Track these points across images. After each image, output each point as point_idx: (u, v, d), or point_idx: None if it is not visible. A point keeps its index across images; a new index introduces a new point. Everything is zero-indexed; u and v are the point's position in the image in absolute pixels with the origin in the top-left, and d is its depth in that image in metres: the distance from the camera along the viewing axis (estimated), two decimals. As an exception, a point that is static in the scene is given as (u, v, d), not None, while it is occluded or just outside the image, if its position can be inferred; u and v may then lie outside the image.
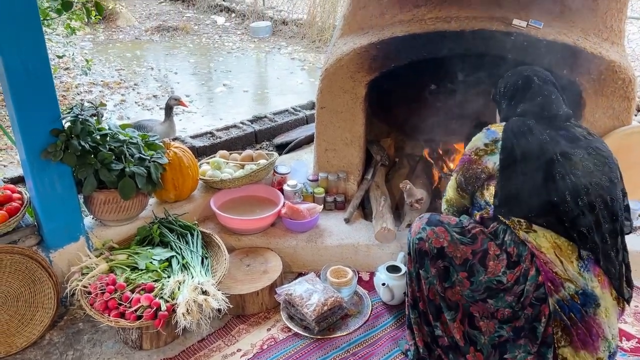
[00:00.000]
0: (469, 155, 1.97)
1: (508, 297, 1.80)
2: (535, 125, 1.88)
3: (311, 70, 6.60)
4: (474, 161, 1.94)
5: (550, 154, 1.79)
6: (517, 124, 1.90)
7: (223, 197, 2.79)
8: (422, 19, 2.59)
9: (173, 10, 9.67)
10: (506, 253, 1.82)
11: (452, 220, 1.94)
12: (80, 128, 2.20)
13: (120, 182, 2.29)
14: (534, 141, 1.82)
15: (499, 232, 1.85)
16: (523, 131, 1.86)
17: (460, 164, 2.01)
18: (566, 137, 1.87)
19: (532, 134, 1.84)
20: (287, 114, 4.43)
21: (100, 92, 5.81)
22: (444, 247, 1.86)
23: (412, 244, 1.93)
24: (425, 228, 1.91)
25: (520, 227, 1.80)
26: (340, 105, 2.77)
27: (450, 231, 1.88)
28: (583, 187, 1.76)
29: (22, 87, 2.01)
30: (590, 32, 2.48)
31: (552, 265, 1.76)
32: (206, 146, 3.86)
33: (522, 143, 1.83)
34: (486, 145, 1.92)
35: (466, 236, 1.87)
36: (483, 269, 1.82)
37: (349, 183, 2.94)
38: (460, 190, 2.04)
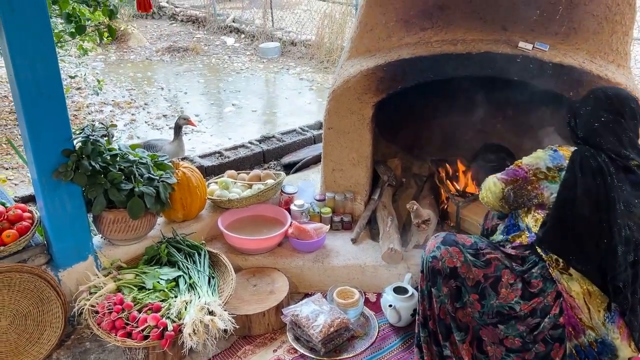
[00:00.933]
0: (526, 173, 1.85)
1: (520, 326, 1.78)
2: (605, 164, 1.74)
3: (319, 90, 6.66)
4: (530, 181, 1.84)
5: (613, 202, 1.69)
6: (587, 155, 1.77)
7: (230, 217, 2.81)
8: (429, 42, 2.62)
9: (184, 31, 9.82)
10: (524, 283, 1.79)
11: (467, 241, 1.92)
12: (91, 148, 2.23)
13: (129, 202, 2.32)
14: (600, 183, 1.71)
15: (528, 261, 1.82)
16: (592, 168, 1.73)
17: (512, 175, 1.90)
18: (633, 182, 1.76)
19: (601, 174, 1.72)
20: (295, 133, 4.47)
21: (111, 111, 5.89)
22: (457, 267, 1.85)
23: (426, 262, 1.92)
24: (440, 247, 1.89)
25: (557, 266, 1.76)
26: (347, 126, 2.80)
27: (465, 252, 1.86)
28: (634, 243, 1.70)
29: (35, 108, 2.05)
30: (596, 54, 2.50)
31: (578, 311, 1.73)
32: (215, 166, 3.90)
33: (588, 182, 1.72)
34: (548, 169, 1.82)
35: (479, 259, 1.85)
36: (494, 294, 1.80)
37: (356, 203, 2.95)
38: (504, 202, 1.94)
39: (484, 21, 2.56)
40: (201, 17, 10.08)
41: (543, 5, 2.48)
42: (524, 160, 1.91)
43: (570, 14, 2.47)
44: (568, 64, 2.41)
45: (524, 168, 1.88)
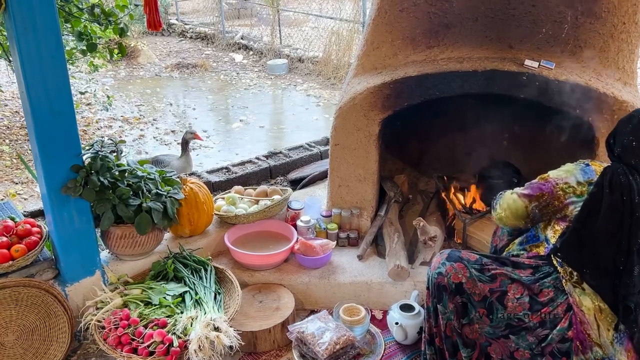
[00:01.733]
0: (553, 187, 1.80)
1: (529, 337, 1.77)
2: (636, 183, 1.69)
3: (326, 106, 6.70)
4: (557, 197, 1.79)
5: (636, 222, 1.66)
6: (618, 172, 1.71)
7: (237, 233, 2.81)
8: (435, 60, 2.64)
9: (193, 47, 9.95)
10: (531, 296, 1.77)
11: (472, 257, 1.91)
12: (100, 164, 2.26)
13: (137, 217, 2.33)
14: (627, 201, 1.67)
15: (540, 271, 1.81)
16: (621, 185, 1.69)
17: (538, 191, 1.83)
18: None
19: (629, 192, 1.68)
20: (301, 149, 4.49)
21: (120, 127, 5.95)
22: (462, 282, 1.84)
23: (432, 278, 1.92)
24: (445, 263, 1.89)
25: (570, 279, 1.74)
26: (353, 143, 2.81)
27: (470, 268, 1.86)
28: None
29: (46, 125, 2.08)
30: (602, 72, 2.50)
31: (587, 326, 1.71)
32: (222, 181, 3.91)
33: (615, 198, 1.68)
34: (578, 183, 1.77)
35: (485, 274, 1.85)
36: (502, 307, 1.80)
37: (362, 219, 2.95)
38: (527, 220, 1.88)
39: (490, 39, 2.59)
40: (210, 34, 10.21)
41: (549, 24, 2.50)
42: (551, 174, 1.84)
43: (576, 33, 2.49)
44: (574, 82, 2.41)
45: (551, 182, 1.81)
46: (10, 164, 4.80)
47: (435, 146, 3.32)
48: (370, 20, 2.76)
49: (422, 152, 3.38)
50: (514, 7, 2.51)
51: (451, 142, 3.24)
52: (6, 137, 5.41)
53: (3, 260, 2.12)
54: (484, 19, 2.56)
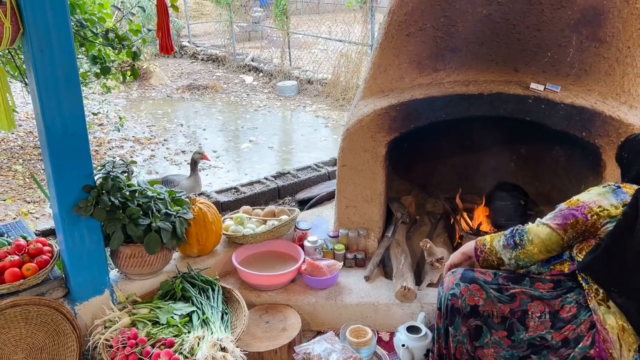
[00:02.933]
0: (587, 213, 1.72)
1: (552, 357, 1.72)
2: None
3: (335, 127, 6.76)
4: (592, 223, 1.72)
5: None
6: None
7: (245, 252, 2.83)
8: (441, 83, 2.68)
9: (204, 69, 10.11)
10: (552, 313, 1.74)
11: (487, 275, 1.87)
12: (111, 184, 2.30)
13: (146, 237, 2.36)
14: None
15: (563, 286, 1.77)
16: None
17: (571, 218, 1.75)
18: None
19: None
20: (309, 170, 4.52)
21: (131, 147, 6.04)
22: (478, 305, 1.81)
23: (444, 299, 1.88)
24: (459, 284, 1.85)
25: (596, 296, 1.71)
26: (360, 164, 2.84)
27: (487, 288, 1.81)
28: None
29: (60, 146, 2.12)
30: (608, 95, 2.52)
31: (610, 345, 1.68)
32: (230, 201, 3.95)
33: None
34: (613, 206, 1.72)
35: (504, 294, 1.81)
36: (523, 328, 1.76)
37: (370, 240, 2.96)
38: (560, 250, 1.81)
39: (496, 63, 2.62)
40: (221, 56, 10.38)
41: (554, 48, 2.53)
42: (581, 198, 1.77)
43: (581, 56, 2.52)
44: (580, 105, 2.43)
45: (583, 206, 1.74)
46: (23, 183, 4.88)
47: (443, 167, 3.33)
48: (377, 44, 2.81)
49: (429, 174, 3.40)
50: (519, 31, 2.55)
51: (458, 164, 3.26)
52: (20, 157, 5.50)
53: (14, 278, 2.15)
54: (489, 43, 2.59)
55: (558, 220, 1.77)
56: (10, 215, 4.25)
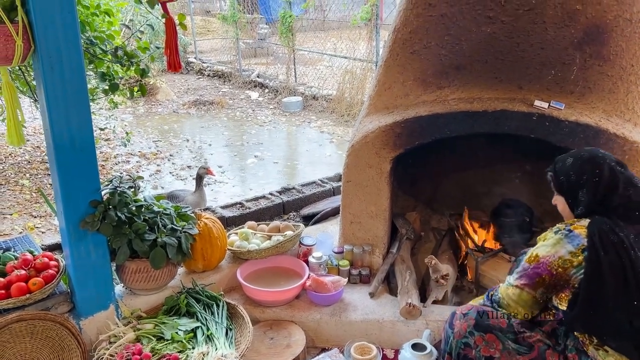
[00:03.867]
0: (549, 267, 1.71)
1: None
2: (625, 235, 1.66)
3: (339, 143, 6.78)
4: (559, 275, 1.71)
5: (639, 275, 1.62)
6: (605, 230, 1.67)
7: (249, 268, 2.84)
8: (445, 100, 2.70)
9: (210, 85, 10.20)
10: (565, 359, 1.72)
11: (502, 322, 1.80)
12: (118, 200, 2.32)
13: (152, 252, 2.37)
14: (626, 260, 1.63)
15: (560, 335, 1.75)
16: (613, 243, 1.65)
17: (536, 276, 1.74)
18: None
19: (623, 248, 1.64)
20: (314, 185, 4.54)
21: (137, 162, 6.08)
22: (494, 357, 1.75)
23: (456, 347, 1.82)
24: (474, 333, 1.79)
25: (591, 342, 1.69)
26: (365, 180, 2.85)
27: (503, 340, 1.75)
28: None
29: (68, 161, 2.15)
30: (612, 113, 2.53)
31: None
32: (235, 216, 3.96)
33: (611, 258, 1.63)
34: (572, 254, 1.69)
35: (522, 344, 1.75)
36: None
37: (374, 256, 2.95)
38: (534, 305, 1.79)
39: (500, 80, 2.64)
40: (227, 72, 10.48)
41: (558, 66, 2.55)
42: (539, 253, 1.76)
43: (584, 74, 2.53)
44: (584, 122, 2.44)
45: (544, 262, 1.73)
46: (30, 198, 4.91)
47: (447, 184, 3.34)
48: (382, 61, 2.84)
49: (434, 190, 3.40)
50: (523, 49, 2.57)
51: (463, 180, 3.27)
52: (27, 172, 5.54)
53: (20, 293, 2.16)
54: (493, 61, 2.62)
55: (524, 280, 1.77)
56: (16, 229, 4.28)
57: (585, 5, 2.45)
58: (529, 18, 2.52)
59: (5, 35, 1.93)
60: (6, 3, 1.96)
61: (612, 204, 1.73)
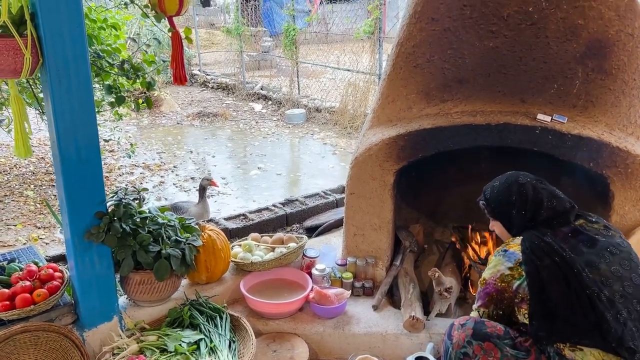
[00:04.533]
0: (494, 284, 1.86)
1: None
2: (553, 240, 1.80)
3: (342, 155, 6.80)
4: (502, 289, 1.84)
5: (578, 273, 1.71)
6: (535, 242, 1.82)
7: (253, 280, 2.84)
8: (449, 113, 2.71)
9: (214, 97, 10.26)
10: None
11: (499, 329, 1.83)
12: (123, 211, 2.33)
13: (156, 264, 2.38)
14: (558, 259, 1.75)
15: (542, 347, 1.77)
16: (544, 250, 1.78)
17: (486, 296, 1.89)
18: (586, 241, 1.81)
19: (554, 251, 1.77)
20: (317, 197, 4.55)
21: (141, 173, 6.10)
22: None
23: (455, 357, 1.85)
24: (472, 342, 1.82)
25: (565, 346, 1.73)
26: (369, 192, 2.86)
27: (502, 346, 1.78)
28: (619, 299, 1.69)
29: (74, 173, 2.16)
30: (615, 126, 2.54)
31: None
32: (239, 228, 3.97)
33: (546, 264, 1.76)
34: (511, 269, 1.83)
35: (520, 350, 1.78)
36: None
37: (378, 269, 2.95)
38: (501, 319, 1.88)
39: (503, 94, 2.66)
40: (231, 84, 10.55)
41: (560, 79, 2.57)
42: (485, 275, 1.91)
43: (587, 88, 2.55)
44: (587, 136, 2.46)
45: (489, 282, 1.89)
46: (34, 209, 4.93)
47: (451, 196, 3.34)
48: (385, 75, 2.86)
49: (437, 202, 3.41)
50: (525, 63, 2.59)
51: (466, 192, 3.26)
52: (31, 183, 5.57)
53: (25, 304, 2.17)
54: (496, 74, 2.64)
55: (480, 302, 1.93)
56: (20, 240, 4.29)
57: (587, 20, 2.48)
58: (531, 32, 2.54)
59: (14, 49, 1.95)
60: (15, 17, 1.99)
61: (541, 217, 1.90)
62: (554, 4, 2.49)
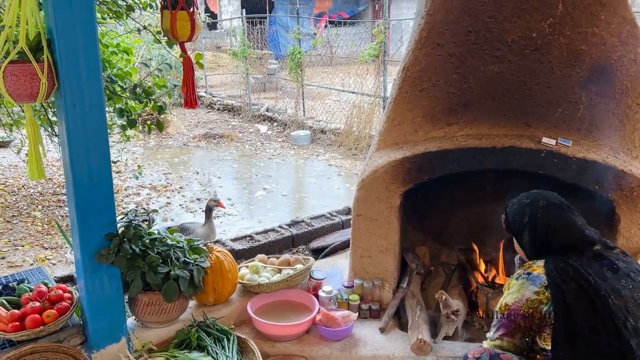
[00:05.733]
0: (521, 311, 1.76)
1: None
2: (578, 264, 1.75)
3: (347, 176, 6.84)
4: (530, 316, 1.75)
5: (605, 299, 1.67)
6: (560, 265, 1.77)
7: (260, 302, 2.84)
8: (454, 136, 2.75)
9: (220, 119, 10.36)
10: None
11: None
12: (133, 232, 2.36)
13: (165, 285, 2.39)
14: (585, 284, 1.70)
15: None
16: (569, 274, 1.73)
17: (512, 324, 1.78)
18: (609, 266, 1.76)
19: (580, 275, 1.72)
20: (323, 218, 4.56)
21: (147, 194, 6.14)
22: None
23: None
24: None
25: None
26: (375, 214, 2.88)
27: None
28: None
29: (86, 195, 2.20)
30: (619, 150, 2.57)
31: None
32: (245, 249, 3.98)
33: (572, 287, 1.71)
34: (537, 293, 1.76)
35: None
36: None
37: (384, 291, 2.95)
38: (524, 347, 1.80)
39: (508, 117, 2.70)
40: (237, 106, 10.67)
41: (564, 104, 2.61)
42: (507, 301, 1.81)
43: (591, 112, 2.59)
44: (592, 159, 2.48)
45: (515, 308, 1.78)
46: (42, 229, 4.96)
47: (456, 218, 3.36)
48: (391, 98, 2.90)
49: (443, 224, 3.42)
50: (529, 87, 2.63)
51: (472, 214, 3.28)
52: (39, 203, 5.62)
53: (35, 325, 2.18)
54: (501, 98, 2.68)
55: (502, 330, 1.81)
56: (27, 261, 4.31)
57: (590, 46, 2.53)
58: (535, 58, 2.59)
59: (31, 74, 2.01)
60: (32, 43, 2.05)
61: (553, 245, 1.84)
62: (557, 30, 2.54)
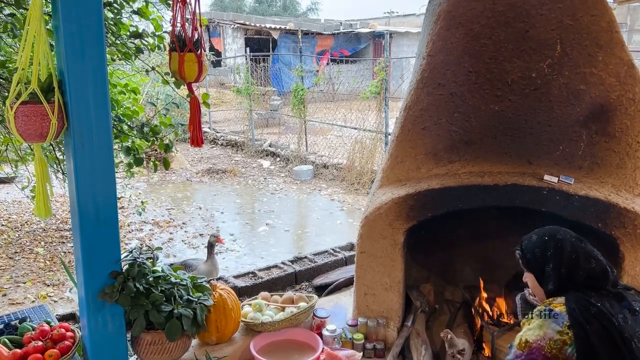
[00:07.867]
0: (543, 351, 1.70)
1: None
2: (600, 304, 1.71)
3: (350, 211, 6.84)
4: (553, 357, 1.69)
5: (628, 341, 1.63)
6: (582, 303, 1.73)
7: (263, 341, 2.81)
8: (457, 173, 2.77)
9: (223, 154, 10.45)
10: None
11: None
12: (137, 271, 2.35)
13: (168, 324, 2.38)
14: (607, 324, 1.67)
15: None
16: (592, 313, 1.69)
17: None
18: (628, 308, 1.73)
19: (603, 315, 1.68)
20: (326, 254, 4.55)
21: (150, 230, 6.14)
22: None
23: None
24: None
25: None
26: (379, 251, 2.87)
27: None
28: None
29: (92, 233, 2.21)
30: (621, 188, 2.59)
31: None
32: (248, 286, 3.96)
33: (595, 328, 1.67)
34: (560, 333, 1.71)
35: None
36: None
37: (389, 329, 2.92)
38: None
39: (510, 155, 2.73)
40: (240, 141, 10.77)
41: (565, 142, 2.64)
42: (529, 338, 1.75)
43: (592, 150, 2.62)
44: (594, 197, 2.49)
45: (536, 346, 1.72)
46: (44, 266, 4.95)
47: (460, 255, 3.35)
48: (394, 136, 2.95)
49: (447, 261, 3.41)
50: (530, 126, 2.68)
51: (476, 251, 3.28)
52: (42, 240, 5.61)
53: (36, 365, 2.16)
54: (502, 136, 2.72)
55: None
56: (29, 298, 4.28)
57: (589, 86, 2.58)
58: (535, 97, 2.64)
59: (42, 115, 2.05)
60: (44, 85, 2.10)
61: (578, 277, 1.80)
62: (556, 71, 2.60)
